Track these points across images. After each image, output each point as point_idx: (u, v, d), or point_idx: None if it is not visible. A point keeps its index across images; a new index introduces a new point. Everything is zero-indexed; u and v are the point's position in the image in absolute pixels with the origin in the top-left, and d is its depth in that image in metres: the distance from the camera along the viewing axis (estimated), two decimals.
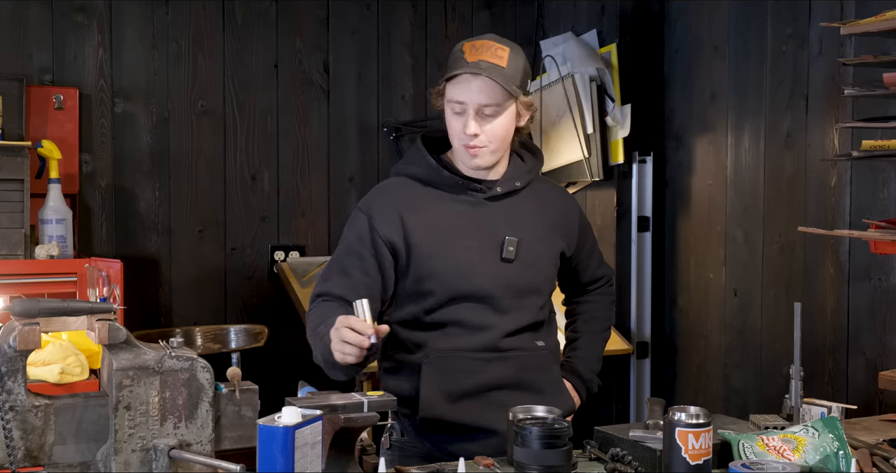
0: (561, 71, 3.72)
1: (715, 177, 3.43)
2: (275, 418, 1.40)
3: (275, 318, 3.63)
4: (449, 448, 1.99)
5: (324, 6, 3.79)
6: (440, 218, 2.02)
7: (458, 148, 2.02)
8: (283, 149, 3.75)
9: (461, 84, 1.96)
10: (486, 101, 1.95)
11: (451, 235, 2.01)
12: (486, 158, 2.01)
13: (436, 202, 2.03)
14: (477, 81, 1.94)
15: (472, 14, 4.04)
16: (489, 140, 1.99)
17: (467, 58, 1.95)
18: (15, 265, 2.80)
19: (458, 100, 1.96)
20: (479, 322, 2.00)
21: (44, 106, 3.28)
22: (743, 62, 3.30)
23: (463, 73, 1.95)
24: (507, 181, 2.07)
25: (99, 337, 1.43)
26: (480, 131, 1.97)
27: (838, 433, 1.72)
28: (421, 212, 2.02)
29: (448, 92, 1.98)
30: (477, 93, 1.94)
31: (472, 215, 2.03)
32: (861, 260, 2.87)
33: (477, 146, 1.98)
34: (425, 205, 2.03)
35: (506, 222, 2.04)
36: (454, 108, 1.98)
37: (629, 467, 1.72)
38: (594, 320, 2.30)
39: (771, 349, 3.21)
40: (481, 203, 2.04)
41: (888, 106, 2.61)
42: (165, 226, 3.57)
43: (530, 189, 2.13)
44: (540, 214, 2.11)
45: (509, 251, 2.02)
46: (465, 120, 1.97)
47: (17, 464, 1.38)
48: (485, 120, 1.97)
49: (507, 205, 2.07)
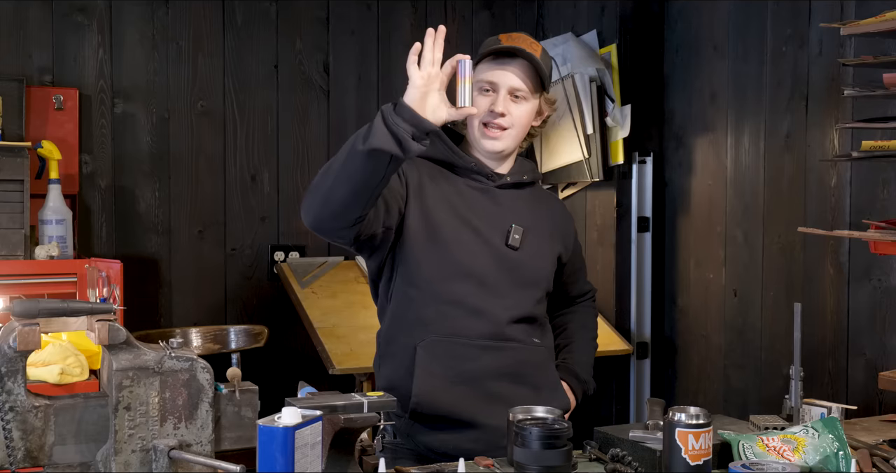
0: (561, 71, 3.72)
1: (715, 177, 3.43)
2: (275, 418, 1.40)
3: (275, 319, 3.63)
4: (441, 444, 1.99)
5: (324, 6, 3.79)
6: (453, 193, 2.04)
7: (478, 129, 2.03)
8: (283, 149, 3.75)
9: (496, 66, 1.98)
10: (519, 85, 1.99)
11: (462, 211, 2.02)
12: (505, 142, 2.02)
13: (450, 179, 2.05)
14: (513, 64, 1.98)
15: (472, 14, 4.04)
16: (512, 122, 2.01)
17: (504, 42, 1.98)
18: (15, 265, 2.80)
19: (490, 80, 1.99)
20: (477, 304, 1.99)
21: (44, 106, 3.28)
22: (743, 62, 3.30)
23: (501, 49, 1.97)
24: (516, 174, 2.10)
25: (99, 337, 1.43)
26: (508, 112, 1.99)
27: (838, 433, 1.72)
28: (437, 184, 2.03)
29: (479, 72, 1.99)
30: (511, 75, 1.98)
31: (481, 198, 2.05)
32: (861, 260, 2.87)
33: (502, 126, 2.00)
34: (441, 179, 2.05)
35: (513, 211, 2.06)
36: (482, 88, 1.99)
37: (629, 467, 1.72)
38: (585, 328, 2.32)
39: (771, 349, 3.21)
40: (491, 189, 2.06)
41: (888, 106, 2.61)
42: (165, 227, 3.57)
43: (533, 191, 2.15)
44: (542, 215, 2.14)
45: (514, 239, 2.03)
46: (495, 98, 1.99)
47: (17, 465, 1.38)
48: (513, 103, 1.99)
49: (515, 196, 2.09)
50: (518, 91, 1.99)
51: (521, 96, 2.00)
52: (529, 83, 2.00)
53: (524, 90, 1.99)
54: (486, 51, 2.00)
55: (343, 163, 1.76)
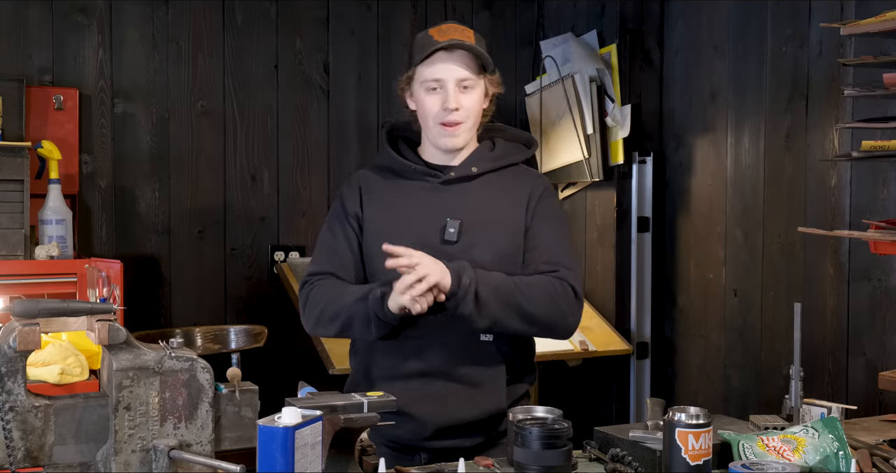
0: (561, 71, 3.72)
1: (715, 177, 3.43)
2: (275, 418, 1.40)
3: (275, 319, 3.63)
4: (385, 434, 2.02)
5: (324, 6, 3.79)
6: (394, 200, 2.09)
7: (435, 129, 2.07)
8: (283, 149, 3.75)
9: (437, 63, 2.03)
10: (465, 75, 2.03)
11: (400, 216, 2.07)
12: (463, 136, 2.08)
13: (393, 187, 2.11)
14: (453, 57, 2.02)
15: (472, 14, 4.04)
16: (467, 115, 2.05)
17: (437, 39, 2.02)
18: (15, 265, 2.80)
19: (436, 78, 2.03)
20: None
21: (44, 106, 3.28)
22: (743, 62, 3.30)
23: (438, 49, 2.01)
24: (464, 167, 2.10)
25: (99, 337, 1.43)
26: (460, 105, 2.03)
27: (838, 433, 1.72)
28: (378, 193, 2.11)
29: (422, 74, 2.04)
30: (454, 67, 2.02)
31: (424, 199, 2.08)
32: (861, 260, 2.87)
33: (457, 121, 2.04)
34: (383, 189, 2.12)
35: (453, 205, 2.06)
36: (429, 87, 2.04)
37: (629, 467, 1.72)
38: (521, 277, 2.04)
39: (771, 349, 3.21)
40: (436, 187, 2.09)
41: (888, 106, 2.61)
42: (165, 227, 3.57)
43: (497, 175, 2.12)
44: (498, 198, 2.09)
45: (450, 233, 2.03)
46: (444, 95, 2.03)
47: (17, 465, 1.39)
48: (463, 93, 2.04)
49: (461, 189, 2.08)
50: (465, 80, 2.03)
51: (468, 85, 2.04)
52: (474, 67, 2.04)
53: (471, 78, 2.04)
54: (425, 53, 2.03)
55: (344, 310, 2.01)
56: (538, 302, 1.98)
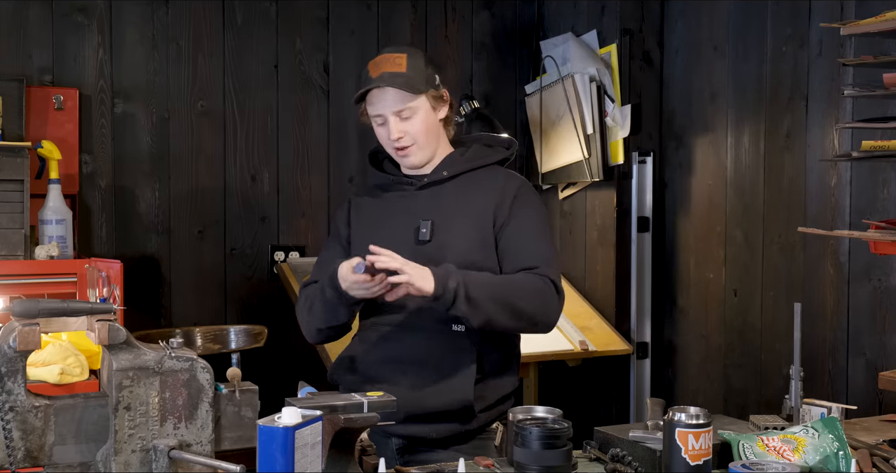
0: (561, 71, 3.72)
1: (715, 177, 3.43)
2: (275, 418, 1.40)
3: (275, 319, 3.63)
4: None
5: (324, 6, 3.79)
6: (375, 210, 2.26)
7: (393, 153, 2.24)
8: (283, 149, 3.75)
9: (373, 100, 2.16)
10: (399, 107, 2.14)
11: (379, 223, 2.22)
12: (418, 156, 2.20)
13: (379, 202, 2.28)
14: (384, 93, 2.14)
15: (472, 14, 4.04)
16: (413, 138, 2.18)
17: (371, 74, 2.15)
18: (15, 265, 2.80)
19: (377, 114, 2.18)
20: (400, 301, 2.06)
21: (44, 106, 3.28)
22: (743, 62, 3.31)
23: (370, 88, 2.15)
24: (436, 172, 2.23)
25: (99, 337, 1.44)
26: (403, 133, 2.16)
27: (838, 433, 1.72)
28: (366, 210, 2.28)
29: (367, 109, 2.20)
30: (388, 102, 2.14)
31: (401, 205, 2.22)
32: (861, 260, 2.87)
33: (405, 146, 2.18)
34: (371, 206, 2.29)
35: (426, 208, 2.19)
36: (377, 121, 2.20)
37: (629, 467, 1.72)
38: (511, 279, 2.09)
39: (771, 349, 3.21)
40: (412, 194, 2.23)
41: (888, 106, 2.61)
42: (165, 227, 3.57)
43: (471, 176, 2.22)
44: (469, 196, 2.19)
45: (423, 233, 2.15)
46: (388, 128, 2.17)
47: (17, 465, 1.39)
48: (404, 122, 2.16)
49: (434, 193, 2.21)
50: (402, 111, 2.15)
51: (407, 115, 2.15)
52: (406, 98, 2.14)
53: (408, 107, 2.15)
54: (358, 94, 2.17)
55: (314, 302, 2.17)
56: (526, 299, 2.06)
